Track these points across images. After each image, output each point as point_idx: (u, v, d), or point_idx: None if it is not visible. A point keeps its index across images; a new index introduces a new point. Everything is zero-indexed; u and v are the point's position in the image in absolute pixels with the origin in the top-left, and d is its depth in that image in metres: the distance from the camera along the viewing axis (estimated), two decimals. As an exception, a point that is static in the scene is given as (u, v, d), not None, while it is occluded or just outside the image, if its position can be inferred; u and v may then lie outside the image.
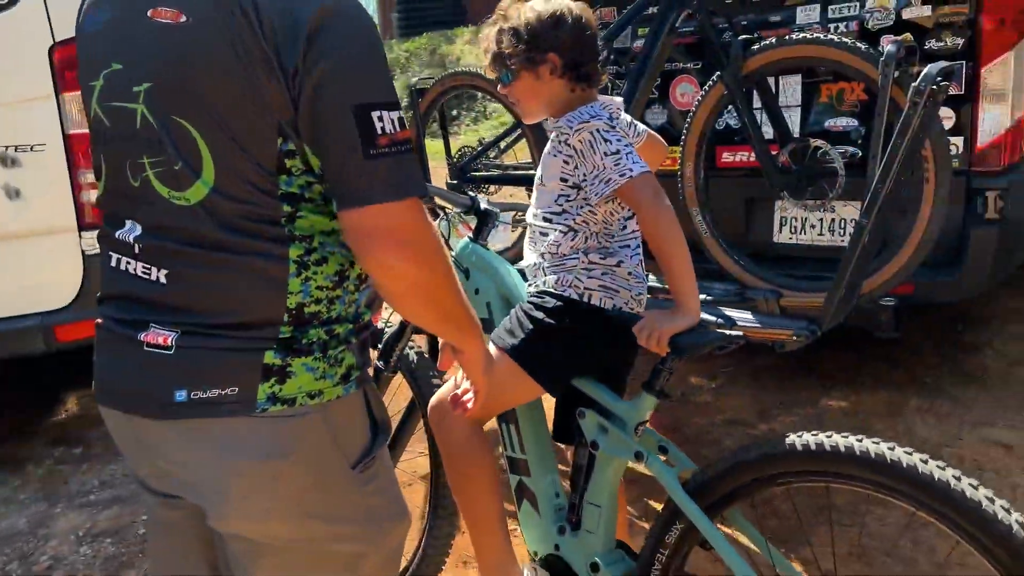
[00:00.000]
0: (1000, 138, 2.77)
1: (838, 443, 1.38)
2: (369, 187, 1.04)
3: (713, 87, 2.54)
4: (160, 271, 1.11)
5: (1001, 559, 1.24)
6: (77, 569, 2.54)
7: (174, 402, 1.09)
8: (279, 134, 1.06)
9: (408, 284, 1.10)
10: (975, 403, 3.02)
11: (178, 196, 1.09)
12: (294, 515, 1.14)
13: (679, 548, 1.57)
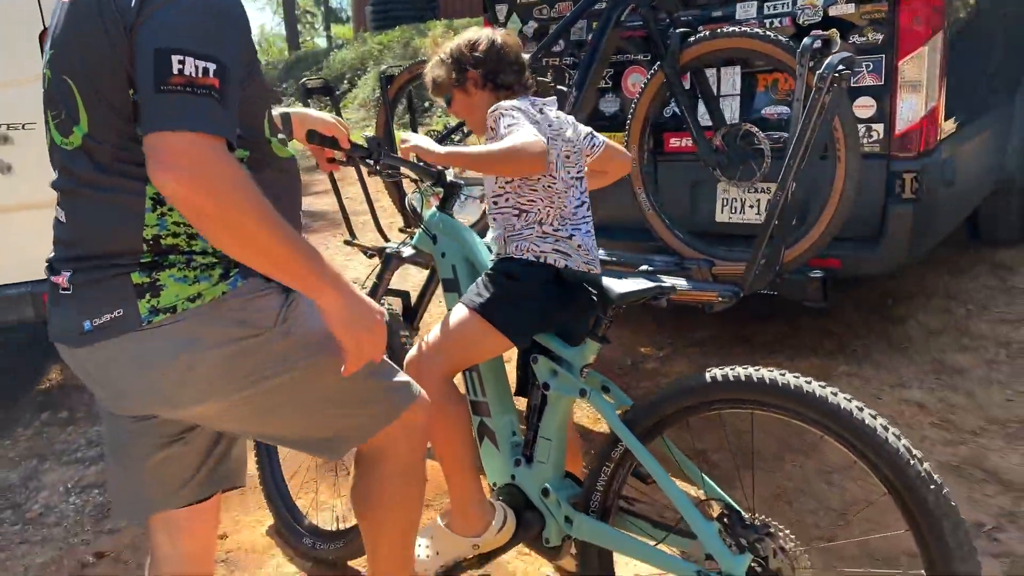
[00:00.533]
0: (916, 125, 3.05)
1: (751, 375, 1.61)
2: (154, 117, 1.16)
3: (654, 76, 2.79)
4: (62, 212, 1.34)
5: (887, 474, 1.47)
6: (67, 516, 2.74)
7: (84, 331, 1.29)
8: (130, 86, 1.24)
9: (191, 208, 1.18)
10: (897, 368, 3.31)
11: (66, 142, 1.30)
12: (223, 385, 1.33)
13: (617, 472, 1.81)
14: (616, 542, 1.79)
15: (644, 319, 4.05)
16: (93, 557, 2.50)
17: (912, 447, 1.46)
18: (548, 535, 1.91)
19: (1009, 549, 2.24)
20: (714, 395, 1.66)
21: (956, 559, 1.38)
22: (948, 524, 1.39)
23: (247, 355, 1.34)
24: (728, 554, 1.58)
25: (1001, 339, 3.47)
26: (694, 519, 1.62)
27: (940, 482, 1.43)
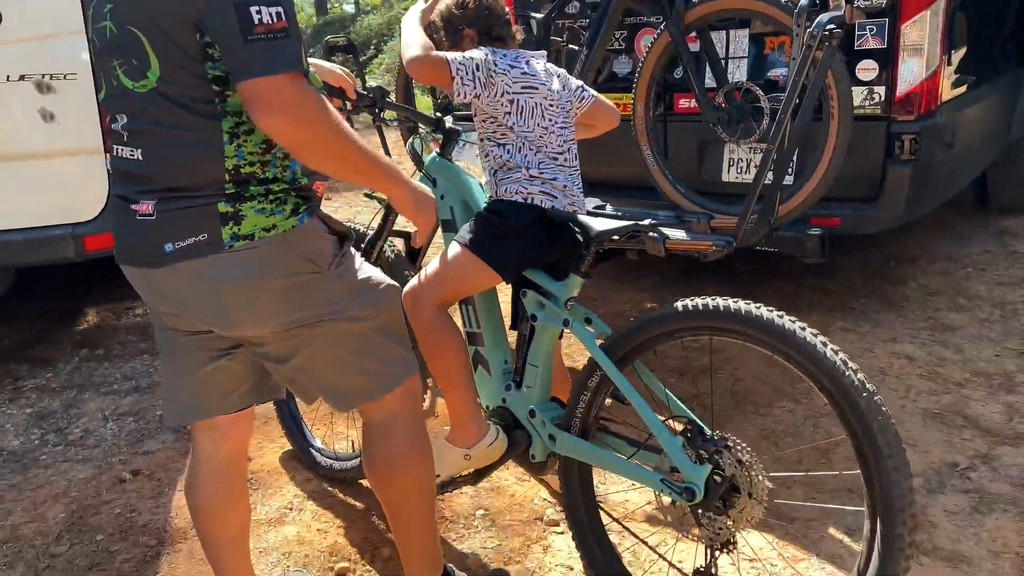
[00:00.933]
0: (917, 88, 3.14)
1: (707, 303, 1.76)
2: (248, 65, 1.32)
3: (660, 36, 2.90)
4: (137, 150, 1.46)
5: (825, 384, 1.62)
6: (105, 439, 2.97)
7: (164, 253, 1.43)
8: (196, 30, 1.37)
9: (295, 141, 1.38)
10: (892, 325, 3.44)
11: (139, 86, 1.42)
12: (283, 312, 1.50)
13: (596, 395, 1.97)
14: (594, 457, 1.97)
15: (650, 276, 4.19)
16: (129, 474, 2.72)
17: (848, 360, 1.61)
18: (534, 452, 2.10)
19: (979, 487, 2.38)
20: (677, 324, 1.82)
21: (885, 456, 1.53)
22: (877, 425, 1.54)
23: (306, 289, 1.51)
24: (690, 465, 1.74)
25: (996, 300, 3.58)
26: (661, 434, 1.79)
27: (872, 389, 1.58)
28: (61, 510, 2.54)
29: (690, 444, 1.77)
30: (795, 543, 2.19)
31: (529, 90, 2.07)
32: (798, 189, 2.72)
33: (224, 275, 1.44)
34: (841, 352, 1.64)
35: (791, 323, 1.68)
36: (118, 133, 1.48)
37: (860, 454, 1.58)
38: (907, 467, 1.56)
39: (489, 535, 2.32)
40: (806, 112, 2.41)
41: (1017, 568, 2.05)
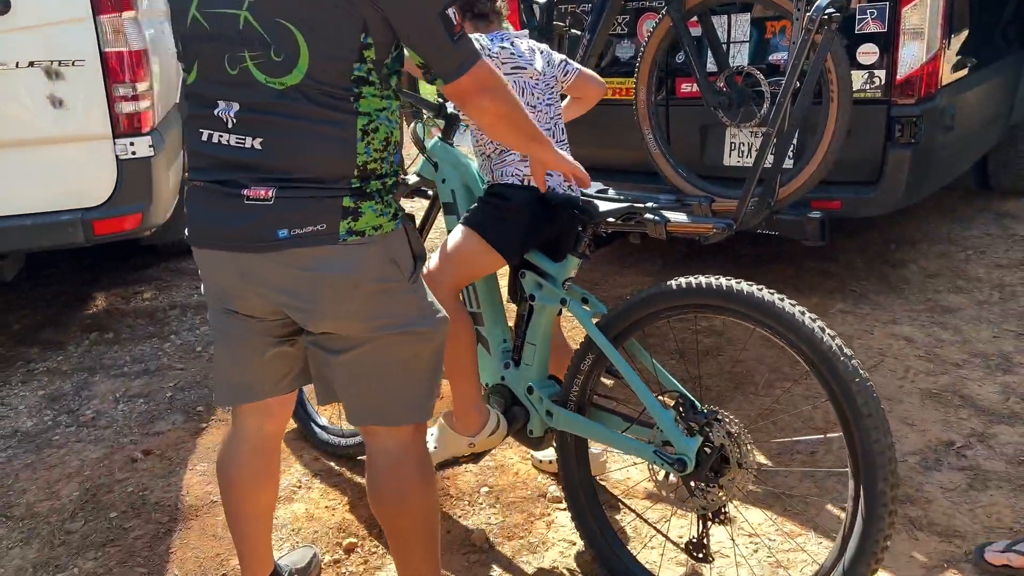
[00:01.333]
0: (917, 71, 3.16)
1: (700, 281, 1.82)
2: (461, 61, 1.49)
3: (661, 20, 2.93)
4: (252, 139, 1.46)
5: (805, 351, 1.69)
6: (116, 420, 3.03)
7: (277, 238, 1.45)
8: (362, 30, 1.42)
9: (496, 116, 1.59)
10: (891, 307, 3.47)
11: (275, 81, 1.43)
12: (367, 315, 1.53)
13: (592, 371, 2.03)
14: (589, 431, 2.03)
15: (653, 260, 4.23)
16: (141, 454, 2.77)
17: (826, 327, 1.67)
18: (532, 427, 2.16)
19: (975, 464, 2.43)
20: (664, 303, 1.89)
21: (864, 416, 1.60)
22: (855, 387, 1.61)
23: (391, 294, 1.55)
24: (681, 437, 1.81)
25: (995, 282, 3.61)
26: (653, 408, 1.85)
27: (850, 354, 1.64)
28: (75, 488, 2.60)
29: (681, 418, 1.83)
30: (794, 519, 2.24)
31: (517, 71, 2.12)
32: (798, 172, 2.75)
33: (331, 266, 1.48)
34: (819, 320, 1.70)
35: (770, 295, 1.75)
36: (218, 119, 1.48)
37: (841, 416, 1.65)
38: (886, 425, 1.62)
39: (493, 511, 2.37)
40: (806, 96, 2.43)
41: (1011, 540, 2.09)
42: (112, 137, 3.26)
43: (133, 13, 3.25)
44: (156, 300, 4.21)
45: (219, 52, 1.47)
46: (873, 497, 1.60)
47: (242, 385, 1.72)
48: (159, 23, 3.86)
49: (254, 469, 1.80)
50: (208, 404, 3.10)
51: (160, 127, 3.53)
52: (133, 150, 3.29)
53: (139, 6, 3.36)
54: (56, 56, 3.12)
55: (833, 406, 1.66)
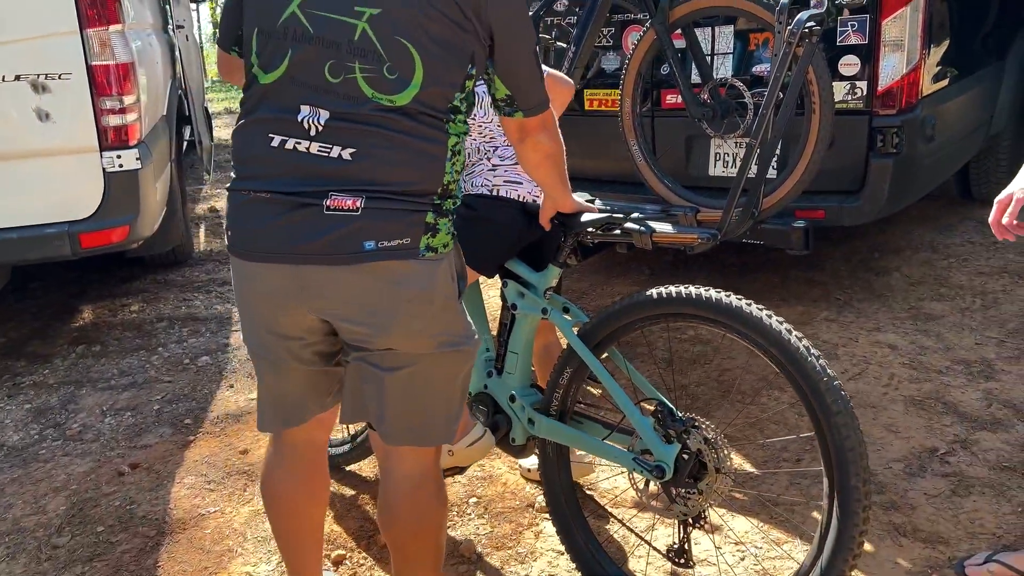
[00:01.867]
0: (898, 83, 3.21)
1: (671, 291, 1.86)
2: (543, 99, 1.62)
3: (646, 33, 2.96)
4: (345, 150, 1.42)
5: (775, 356, 1.72)
6: (103, 434, 3.02)
7: (363, 250, 1.42)
8: (469, 61, 1.48)
9: (545, 155, 1.71)
10: (875, 315, 3.51)
11: (382, 97, 1.42)
12: (434, 331, 1.53)
13: (574, 379, 2.06)
14: (570, 438, 2.05)
15: (641, 270, 4.26)
16: (128, 467, 2.76)
17: (793, 329, 1.71)
18: (514, 435, 2.18)
19: (958, 471, 2.45)
20: (639, 312, 1.92)
21: (834, 413, 1.64)
22: (824, 385, 1.65)
23: (450, 312, 1.55)
24: (660, 444, 1.83)
25: (977, 289, 3.65)
26: (633, 415, 1.88)
27: (817, 354, 1.68)
28: (62, 503, 2.58)
29: (660, 425, 1.86)
30: (780, 527, 2.26)
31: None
32: (781, 182, 2.78)
33: (412, 281, 1.47)
34: (786, 323, 1.74)
35: (738, 301, 1.78)
36: (299, 125, 1.43)
37: (812, 415, 1.68)
38: (856, 422, 1.65)
39: (481, 522, 2.38)
40: (788, 107, 2.47)
41: (991, 550, 2.12)
42: (99, 150, 3.26)
43: (120, 26, 3.26)
44: (144, 312, 4.20)
45: (321, 57, 1.43)
46: (847, 494, 1.63)
47: (289, 408, 1.67)
48: (147, 35, 3.87)
49: (311, 485, 1.76)
50: (196, 417, 3.09)
51: (147, 139, 3.53)
52: (120, 163, 3.29)
53: (126, 19, 3.37)
54: (42, 69, 3.12)
55: (804, 407, 1.70)
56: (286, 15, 1.44)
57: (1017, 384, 2.88)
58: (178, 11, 5.90)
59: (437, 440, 1.65)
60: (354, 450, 2.56)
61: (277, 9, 1.45)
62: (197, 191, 6.84)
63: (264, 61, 1.47)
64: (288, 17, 1.44)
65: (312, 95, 1.43)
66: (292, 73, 1.44)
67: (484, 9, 1.46)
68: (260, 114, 1.48)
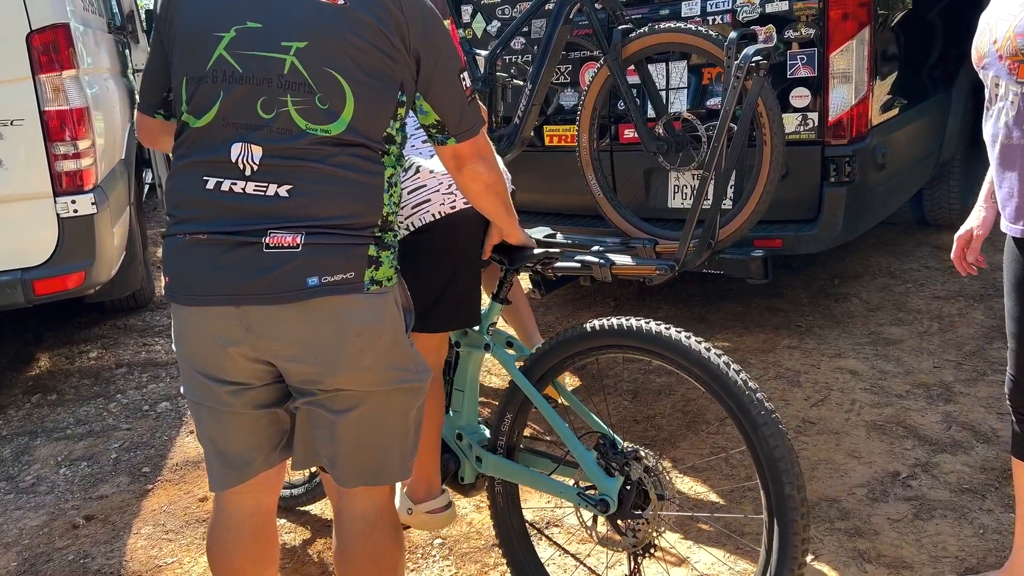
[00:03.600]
0: (847, 113, 3.29)
1: (599, 323, 1.88)
2: (472, 123, 1.59)
3: (600, 70, 3.00)
4: (281, 187, 1.41)
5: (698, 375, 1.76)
6: (58, 485, 2.94)
7: (306, 287, 1.40)
8: (399, 88, 1.49)
9: (485, 184, 1.67)
10: (836, 341, 3.55)
11: (317, 128, 1.42)
12: (383, 366, 1.51)
13: (519, 415, 2.05)
14: (517, 475, 2.04)
15: (608, 303, 4.27)
16: (83, 519, 2.69)
17: (713, 348, 1.75)
18: (463, 474, 2.15)
19: (919, 494, 2.47)
20: (573, 348, 1.93)
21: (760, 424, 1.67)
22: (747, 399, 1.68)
23: (399, 346, 1.53)
24: (604, 477, 1.83)
25: (935, 313, 3.71)
26: (576, 449, 1.87)
27: (738, 369, 1.72)
28: (12, 559, 2.50)
29: (603, 458, 1.85)
30: (745, 557, 2.25)
31: None
32: (737, 213, 2.82)
33: (358, 316, 1.45)
34: (706, 343, 1.77)
35: (658, 326, 1.81)
36: (233, 166, 1.42)
37: (740, 430, 1.71)
38: (782, 432, 1.67)
39: (447, 564, 2.34)
40: (739, 139, 2.51)
41: (956, 572, 2.13)
42: (53, 195, 3.21)
43: (74, 72, 3.24)
44: (102, 359, 4.12)
45: (252, 95, 1.43)
46: (783, 503, 1.65)
47: (238, 462, 1.59)
48: (104, 79, 3.85)
49: (259, 551, 1.66)
50: (155, 464, 3.02)
51: (104, 184, 3.49)
52: (75, 208, 3.24)
53: (80, 64, 3.35)
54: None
55: (734, 423, 1.72)
56: (214, 58, 1.44)
57: (975, 406, 2.92)
58: (137, 55, 5.89)
59: (392, 479, 1.62)
60: (310, 491, 2.51)
61: (204, 54, 1.45)
62: (158, 234, 6.76)
63: (194, 107, 1.47)
64: (216, 60, 1.44)
65: (244, 133, 1.43)
66: (224, 114, 1.44)
67: (408, 35, 1.48)
68: (194, 158, 1.47)
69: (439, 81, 1.54)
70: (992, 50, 1.84)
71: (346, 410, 1.51)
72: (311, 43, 1.43)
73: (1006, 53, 1.80)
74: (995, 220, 2.05)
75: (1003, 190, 1.90)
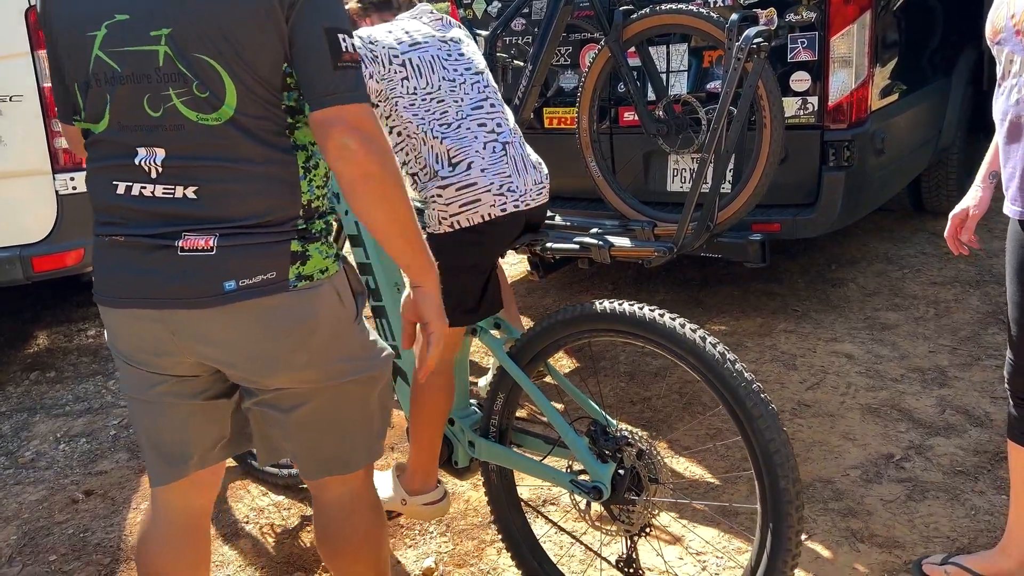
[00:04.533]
0: (847, 98, 3.29)
1: (594, 306, 1.84)
2: (336, 90, 1.29)
3: (600, 51, 3.00)
4: (188, 189, 1.33)
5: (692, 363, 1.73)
6: (57, 461, 2.95)
7: (224, 291, 1.32)
8: (284, 59, 1.32)
9: (363, 173, 1.30)
10: (832, 325, 3.56)
11: (208, 118, 1.31)
12: (324, 361, 1.43)
13: (509, 399, 2.04)
14: (510, 460, 2.04)
15: (606, 286, 4.28)
16: (82, 495, 2.71)
17: (708, 336, 1.72)
18: (456, 458, 2.15)
19: (913, 476, 2.49)
20: (563, 331, 1.90)
21: (756, 417, 1.64)
22: (743, 390, 1.66)
23: (343, 339, 1.45)
24: (596, 464, 1.82)
25: (931, 299, 3.73)
26: (567, 435, 1.86)
27: (734, 359, 1.69)
28: (13, 532, 2.52)
29: (595, 443, 1.84)
30: (740, 536, 2.27)
31: (417, 47, 1.90)
32: (735, 196, 2.82)
33: (285, 315, 1.37)
34: (702, 330, 1.75)
35: (651, 312, 1.78)
36: (139, 169, 1.34)
37: (736, 420, 1.69)
38: (778, 424, 1.66)
39: (443, 540, 2.36)
40: (739, 122, 2.51)
41: (948, 552, 2.15)
42: (52, 172, 3.22)
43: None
44: (100, 337, 4.12)
45: (136, 94, 1.33)
46: (777, 496, 1.64)
47: (174, 456, 1.51)
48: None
49: (186, 555, 1.58)
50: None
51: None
52: (74, 185, 3.25)
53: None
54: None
55: (728, 413, 1.70)
56: (92, 60, 1.35)
57: (969, 390, 2.94)
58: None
59: (360, 464, 1.57)
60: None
61: (83, 58, 1.36)
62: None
63: (89, 113, 1.39)
64: (95, 62, 1.34)
65: (143, 136, 1.35)
66: (117, 118, 1.36)
67: None
68: (103, 162, 1.40)
69: (298, 33, 1.31)
70: (1009, 25, 1.83)
71: (295, 407, 1.45)
72: (175, 28, 1.30)
73: (1023, 28, 1.79)
74: (990, 201, 2.05)
75: (1007, 169, 1.89)
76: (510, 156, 1.92)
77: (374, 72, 1.85)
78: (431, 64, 1.89)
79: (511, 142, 1.94)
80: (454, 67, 1.92)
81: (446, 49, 1.93)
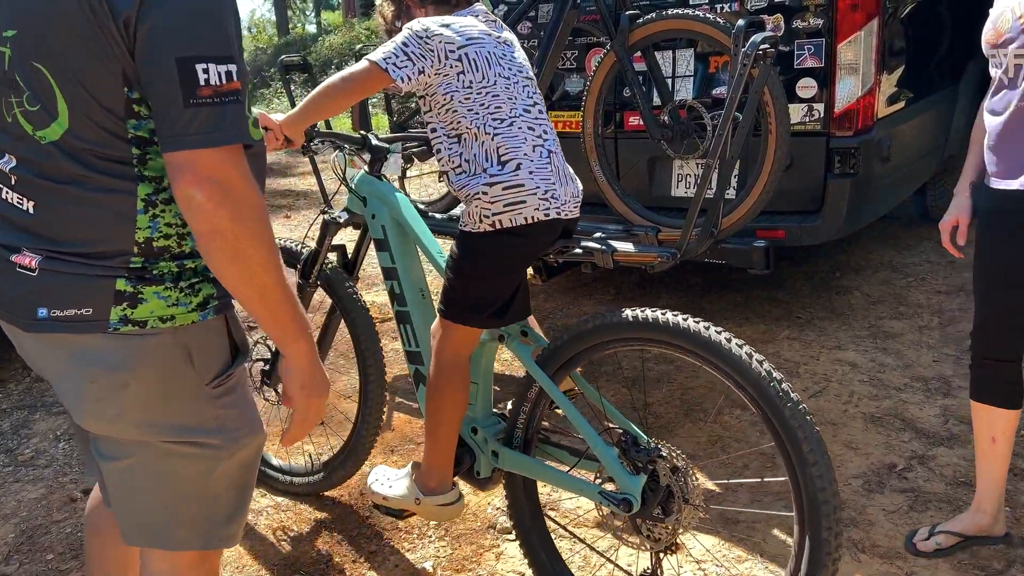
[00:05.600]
0: (853, 105, 3.27)
1: (648, 316, 1.80)
2: (185, 133, 1.11)
3: (606, 56, 2.99)
4: (29, 201, 1.21)
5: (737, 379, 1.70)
6: (56, 459, 2.94)
7: (37, 318, 1.21)
8: (124, 83, 1.14)
9: (208, 227, 1.14)
10: (836, 333, 3.55)
11: (40, 135, 1.18)
12: (140, 422, 1.25)
13: (535, 408, 2.01)
14: (535, 471, 1.99)
15: (608, 291, 4.27)
16: (81, 493, 2.70)
17: (753, 352, 1.68)
18: (479, 468, 2.11)
19: (915, 486, 2.47)
20: (606, 336, 1.86)
21: (794, 428, 1.61)
22: (801, 433, 1.60)
23: (175, 400, 1.26)
24: (626, 475, 1.77)
25: (935, 308, 3.71)
26: (596, 446, 1.82)
27: (797, 399, 1.64)
28: (10, 531, 2.51)
29: (625, 454, 1.80)
30: (740, 545, 2.26)
31: (474, 41, 1.88)
32: (740, 202, 2.81)
33: (96, 359, 1.21)
34: (746, 344, 1.71)
35: (684, 320, 1.75)
36: (3, 173, 1.25)
37: (786, 460, 1.64)
38: (831, 474, 1.61)
39: (442, 544, 2.35)
40: (744, 127, 2.50)
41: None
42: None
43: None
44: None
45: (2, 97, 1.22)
46: (817, 545, 1.60)
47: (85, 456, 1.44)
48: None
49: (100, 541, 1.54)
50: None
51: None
52: None
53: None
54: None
55: (779, 450, 1.64)
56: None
57: (973, 400, 2.92)
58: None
59: (189, 546, 1.35)
60: (323, 479, 2.53)
61: None
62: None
63: None
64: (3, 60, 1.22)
65: (4, 139, 1.24)
66: None
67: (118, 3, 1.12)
68: None
69: (148, 60, 1.11)
70: (1017, 25, 1.86)
71: (112, 457, 1.30)
72: (20, 30, 1.16)
73: None
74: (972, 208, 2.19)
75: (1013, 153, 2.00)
76: (554, 164, 1.92)
77: (426, 67, 1.83)
78: (488, 60, 1.88)
79: (555, 152, 1.94)
80: (508, 66, 1.92)
81: (501, 48, 1.93)
